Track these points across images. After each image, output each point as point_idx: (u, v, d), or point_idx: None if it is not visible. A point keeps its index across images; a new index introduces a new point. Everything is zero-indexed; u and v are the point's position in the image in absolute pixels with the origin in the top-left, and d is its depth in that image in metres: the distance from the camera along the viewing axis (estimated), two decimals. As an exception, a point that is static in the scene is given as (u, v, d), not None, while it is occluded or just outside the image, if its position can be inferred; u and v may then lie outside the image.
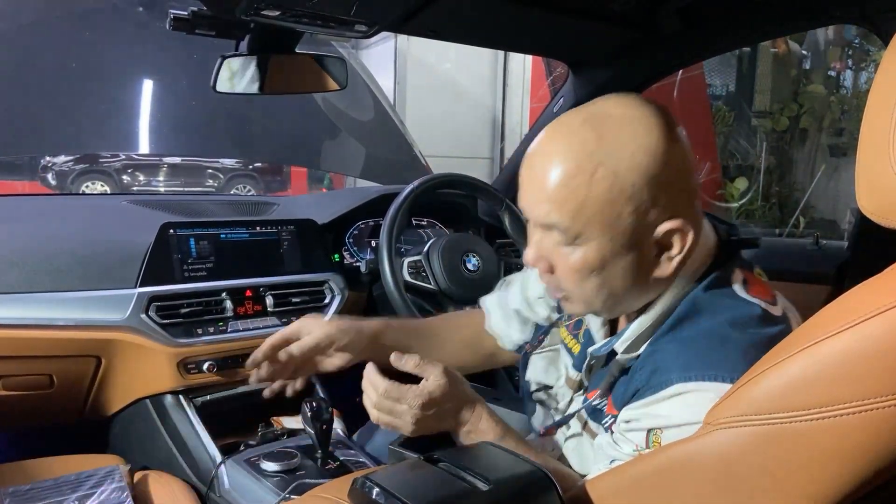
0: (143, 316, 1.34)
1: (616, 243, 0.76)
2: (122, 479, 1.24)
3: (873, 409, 0.49)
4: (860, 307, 0.51)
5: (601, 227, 0.75)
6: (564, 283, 0.81)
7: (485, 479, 0.70)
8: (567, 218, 0.75)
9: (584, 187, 0.74)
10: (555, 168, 0.75)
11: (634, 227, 0.75)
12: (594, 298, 0.81)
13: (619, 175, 0.73)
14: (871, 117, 0.52)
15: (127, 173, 7.05)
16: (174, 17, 1.20)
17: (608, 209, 0.74)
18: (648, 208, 0.75)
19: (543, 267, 0.82)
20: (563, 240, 0.77)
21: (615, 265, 0.77)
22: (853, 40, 5.42)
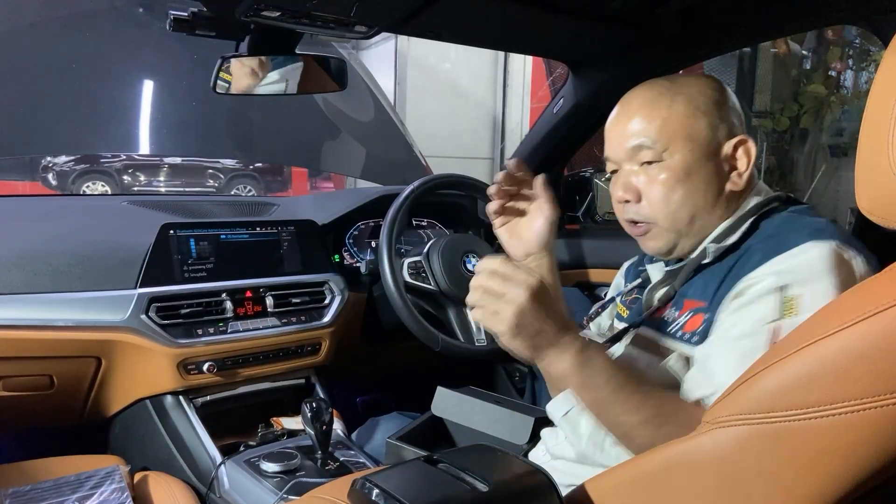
0: (143, 317, 1.34)
1: (697, 153, 0.90)
2: (122, 479, 1.24)
3: (872, 408, 0.48)
4: (859, 307, 0.50)
5: (684, 139, 0.90)
6: (651, 206, 0.93)
7: (484, 480, 0.69)
8: (654, 132, 0.90)
9: (665, 108, 0.91)
10: (638, 104, 0.93)
11: (710, 139, 0.91)
12: (679, 214, 0.92)
13: (693, 98, 0.91)
14: (870, 118, 0.52)
15: (128, 173, 7.05)
16: (174, 18, 1.20)
17: (689, 122, 0.90)
18: (718, 124, 0.91)
19: (632, 195, 0.93)
20: (652, 154, 0.91)
21: (698, 175, 0.91)
22: (853, 40, 5.41)
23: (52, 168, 6.73)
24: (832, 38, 5.26)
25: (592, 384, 0.80)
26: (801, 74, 5.62)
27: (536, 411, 1.29)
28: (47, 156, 6.30)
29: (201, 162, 7.23)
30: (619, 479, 0.69)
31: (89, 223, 1.57)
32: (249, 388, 1.50)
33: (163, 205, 1.67)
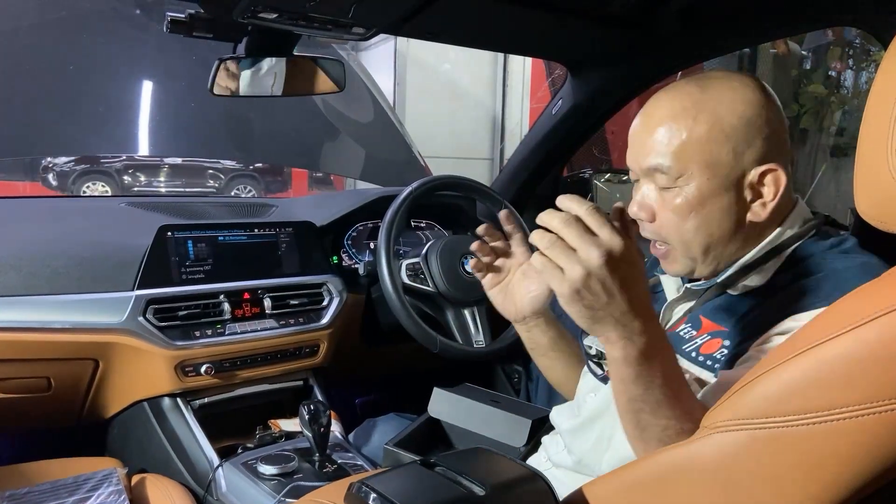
0: (140, 318, 1.34)
1: (715, 182, 0.83)
2: (120, 482, 1.24)
3: (871, 413, 0.48)
4: (858, 311, 0.50)
5: (702, 166, 0.82)
6: (665, 229, 0.87)
7: (481, 483, 0.69)
8: (670, 157, 0.83)
9: (686, 129, 0.82)
10: (661, 117, 0.85)
11: (732, 167, 0.82)
12: (693, 241, 0.85)
13: (719, 118, 0.82)
14: (869, 121, 0.52)
15: (128, 174, 7.05)
16: (171, 20, 1.20)
17: (708, 148, 0.82)
18: (745, 150, 0.82)
19: (646, 216, 0.87)
20: (667, 180, 0.84)
21: (714, 204, 0.83)
22: (854, 40, 5.40)
23: (52, 168, 6.74)
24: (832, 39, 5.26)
25: (648, 380, 0.71)
26: (801, 75, 5.62)
27: (533, 412, 1.29)
28: (47, 156, 6.30)
29: (201, 162, 7.23)
30: (617, 484, 0.68)
31: (86, 225, 1.57)
32: (247, 390, 1.50)
33: (160, 206, 1.67)
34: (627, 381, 0.72)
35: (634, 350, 0.70)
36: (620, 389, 0.74)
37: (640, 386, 0.72)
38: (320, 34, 1.25)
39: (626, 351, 0.70)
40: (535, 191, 1.90)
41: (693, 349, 0.87)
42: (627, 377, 0.72)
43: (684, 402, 0.73)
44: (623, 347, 0.70)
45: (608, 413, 0.93)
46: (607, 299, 0.68)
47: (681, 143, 0.83)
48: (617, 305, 0.69)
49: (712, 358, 0.85)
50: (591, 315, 0.69)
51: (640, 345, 0.70)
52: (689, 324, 0.90)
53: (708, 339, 0.86)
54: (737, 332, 0.84)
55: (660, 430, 0.73)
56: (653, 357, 0.71)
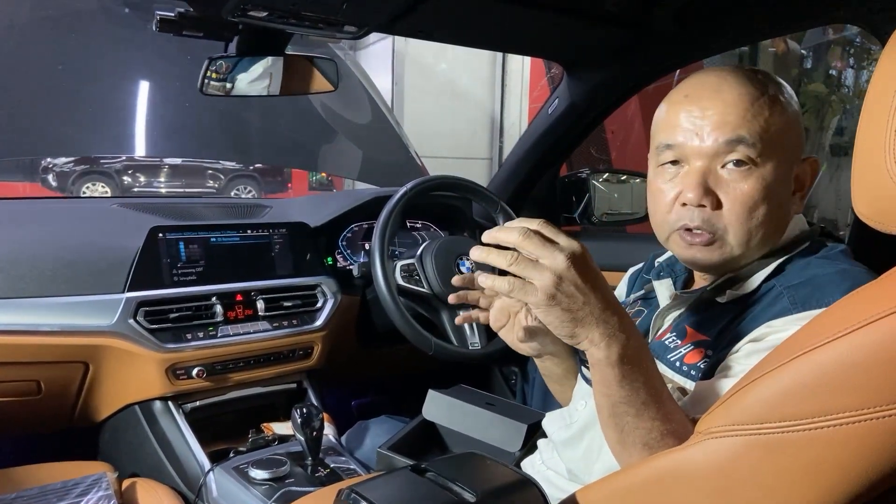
0: (130, 321, 1.32)
1: (785, 167, 0.81)
2: (110, 486, 1.23)
3: (870, 419, 0.47)
4: (855, 315, 0.49)
5: (779, 148, 0.80)
6: (727, 219, 0.82)
7: (472, 490, 0.67)
8: (756, 133, 0.79)
9: (768, 108, 0.80)
10: (736, 88, 0.81)
11: (797, 154, 0.83)
12: (758, 231, 0.82)
13: (791, 104, 0.82)
14: (867, 121, 0.51)
15: (128, 174, 7.07)
16: (160, 19, 1.19)
17: (786, 130, 0.81)
18: (800, 136, 0.83)
19: (711, 202, 0.81)
20: (749, 155, 0.79)
21: (779, 192, 0.82)
22: (854, 39, 5.39)
23: (52, 169, 6.74)
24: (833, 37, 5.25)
25: (633, 380, 0.70)
26: (802, 74, 5.60)
27: (529, 416, 1.28)
28: (46, 157, 6.30)
29: (201, 163, 7.24)
30: (609, 490, 0.67)
31: (77, 226, 1.55)
32: (240, 393, 1.48)
33: (152, 207, 1.65)
34: (612, 384, 0.71)
35: (618, 347, 0.69)
36: (605, 394, 0.72)
37: (626, 387, 0.71)
38: (311, 32, 1.24)
39: (609, 350, 0.69)
40: (531, 191, 1.88)
41: (677, 359, 0.86)
42: (613, 379, 0.70)
43: (666, 403, 0.73)
44: (607, 346, 0.69)
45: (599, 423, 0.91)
46: (583, 298, 0.68)
47: (765, 120, 0.79)
48: (594, 302, 0.68)
49: (696, 368, 0.83)
50: (572, 318, 0.68)
51: (622, 341, 0.69)
52: (674, 333, 0.89)
53: (692, 349, 0.85)
54: (719, 341, 0.83)
55: (644, 433, 0.72)
56: (635, 355, 0.71)
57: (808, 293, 0.77)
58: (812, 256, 0.83)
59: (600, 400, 0.74)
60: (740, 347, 0.78)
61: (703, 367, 0.83)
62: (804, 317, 0.75)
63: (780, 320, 0.76)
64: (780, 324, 0.76)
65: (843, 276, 0.77)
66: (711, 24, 1.32)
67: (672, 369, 0.86)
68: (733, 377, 0.76)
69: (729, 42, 1.49)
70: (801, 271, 0.81)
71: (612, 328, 0.69)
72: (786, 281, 0.80)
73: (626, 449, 0.74)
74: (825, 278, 0.77)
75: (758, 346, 0.76)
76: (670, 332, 0.90)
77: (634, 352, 0.70)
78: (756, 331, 0.77)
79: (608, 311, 0.69)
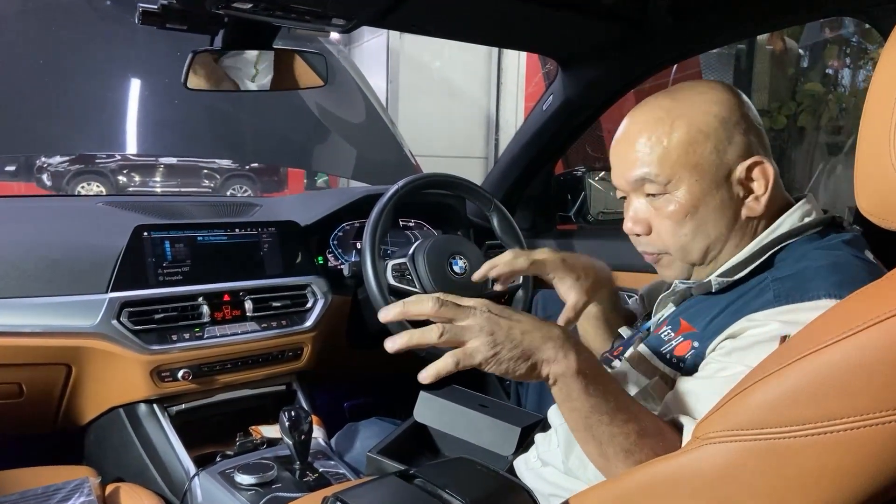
0: (114, 322, 1.29)
1: (704, 182, 0.84)
2: (92, 492, 1.20)
3: (872, 424, 0.46)
4: (856, 317, 0.48)
5: (688, 169, 0.84)
6: (662, 238, 0.88)
7: (462, 497, 0.66)
8: (656, 165, 0.84)
9: (665, 136, 0.84)
10: (638, 130, 0.87)
11: (717, 165, 0.84)
12: (691, 245, 0.87)
13: (695, 121, 0.84)
14: (869, 116, 0.50)
15: (123, 174, 7.03)
16: (143, 11, 1.15)
17: (691, 150, 0.83)
18: (726, 147, 0.84)
19: (641, 228, 0.90)
20: (656, 188, 0.85)
21: (707, 205, 0.84)
22: (851, 38, 5.38)
23: (46, 169, 6.71)
24: (829, 36, 5.24)
25: (597, 385, 0.73)
26: (799, 73, 5.60)
27: (523, 419, 1.25)
28: (40, 156, 6.28)
29: (197, 162, 7.21)
30: (603, 496, 0.66)
31: (59, 225, 1.52)
32: (227, 395, 1.45)
33: (138, 206, 1.62)
34: (580, 395, 0.72)
35: (574, 355, 0.72)
36: (574, 408, 0.74)
37: (592, 395, 0.72)
38: (299, 25, 1.21)
39: (568, 360, 0.72)
40: (525, 189, 1.86)
41: (668, 351, 0.88)
42: (579, 389, 0.72)
43: (631, 405, 0.75)
44: (564, 356, 0.72)
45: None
46: (520, 329, 0.72)
47: (663, 149, 0.84)
48: (531, 328, 0.72)
49: (683, 360, 0.85)
50: (521, 353, 0.71)
51: (573, 350, 0.73)
52: (669, 326, 0.91)
53: (681, 342, 0.87)
54: (705, 333, 0.84)
55: (622, 439, 0.73)
56: (591, 362, 0.74)
57: (793, 286, 0.78)
58: (811, 246, 0.83)
59: (571, 416, 0.75)
60: (718, 344, 0.80)
61: (689, 358, 0.84)
62: (785, 310, 0.76)
63: (762, 314, 0.77)
64: (761, 317, 0.77)
65: (833, 269, 0.77)
66: (708, 18, 1.30)
67: (664, 362, 0.88)
68: (711, 376, 0.78)
69: (727, 36, 1.47)
70: (794, 263, 0.82)
71: (558, 341, 0.73)
72: (776, 273, 0.82)
73: (609, 460, 0.75)
74: (813, 271, 0.78)
75: (736, 342, 0.78)
76: (666, 325, 0.92)
77: (589, 359, 0.74)
78: (737, 324, 0.79)
79: (544, 329, 0.73)
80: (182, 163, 7.13)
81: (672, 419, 0.77)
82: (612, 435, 0.73)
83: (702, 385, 0.78)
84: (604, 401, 0.73)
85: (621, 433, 0.73)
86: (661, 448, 0.72)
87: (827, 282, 0.75)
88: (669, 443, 0.73)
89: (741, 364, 0.74)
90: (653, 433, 0.74)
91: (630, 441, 0.73)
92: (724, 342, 0.79)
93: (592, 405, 0.73)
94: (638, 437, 0.73)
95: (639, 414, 0.74)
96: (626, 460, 0.73)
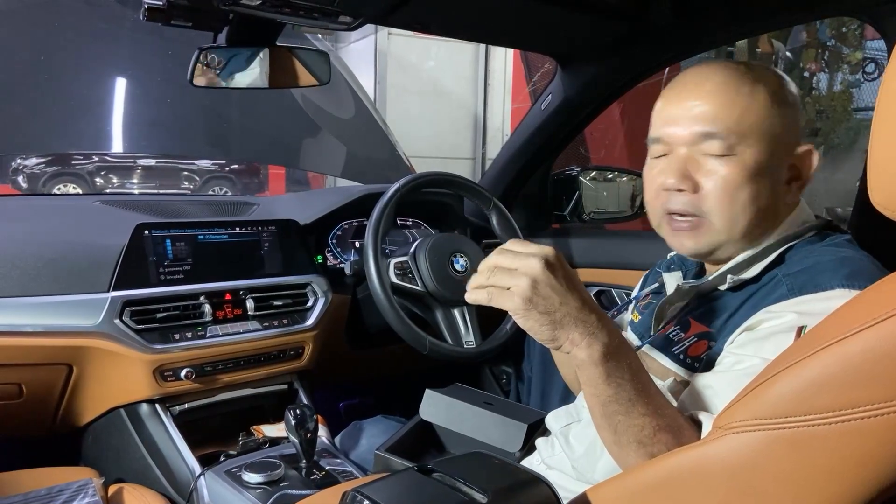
0: (116, 321, 1.28)
1: (769, 154, 0.82)
2: (96, 493, 1.18)
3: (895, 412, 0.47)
4: (879, 306, 0.49)
5: (759, 135, 0.82)
6: (709, 202, 0.83)
7: (482, 489, 0.66)
8: (732, 122, 0.81)
9: (746, 96, 0.82)
10: (718, 80, 0.83)
11: (787, 140, 0.83)
12: (742, 215, 0.83)
13: (776, 92, 0.83)
14: (882, 112, 0.51)
15: (100, 175, 6.94)
16: (148, 7, 1.14)
17: (768, 118, 0.82)
18: (792, 126, 0.84)
19: (689, 185, 0.84)
20: (720, 148, 0.82)
21: (764, 178, 0.82)
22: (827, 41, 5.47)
23: (22, 170, 6.60)
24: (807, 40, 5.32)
25: (618, 377, 0.72)
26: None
27: (528, 416, 1.26)
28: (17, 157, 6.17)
29: (176, 164, 7.14)
30: (623, 488, 0.66)
31: (59, 224, 1.50)
32: (229, 394, 1.44)
33: (137, 204, 1.61)
34: (599, 383, 0.72)
35: (599, 345, 0.71)
36: (593, 394, 0.74)
37: (612, 385, 0.72)
38: (305, 23, 1.20)
39: (591, 349, 0.71)
40: (523, 188, 1.87)
41: (681, 351, 0.87)
42: (598, 377, 0.72)
43: (655, 398, 0.74)
44: (588, 345, 0.71)
45: None
46: (560, 298, 0.70)
47: (742, 109, 0.82)
48: (571, 302, 0.70)
49: (699, 360, 0.84)
50: (550, 320, 0.70)
51: (604, 339, 0.71)
52: (678, 326, 0.90)
53: (695, 341, 0.86)
54: (722, 332, 0.84)
55: (637, 430, 0.73)
56: (617, 351, 0.72)
57: (806, 279, 0.78)
58: (815, 245, 0.84)
59: (590, 401, 0.75)
60: (736, 337, 0.79)
61: (705, 358, 0.84)
62: (800, 301, 0.76)
63: (778, 305, 0.77)
64: (778, 309, 0.77)
65: (843, 263, 0.78)
66: (710, 17, 1.31)
67: (676, 362, 0.87)
68: (728, 369, 0.78)
69: (727, 35, 1.49)
70: (802, 259, 0.82)
71: (591, 327, 0.71)
72: (787, 269, 0.82)
73: (622, 448, 0.75)
74: (824, 265, 0.79)
75: (752, 334, 0.78)
76: (674, 325, 0.91)
77: (616, 349, 0.72)
78: (753, 317, 0.79)
79: (585, 311, 0.71)
80: (161, 164, 7.05)
81: (689, 415, 0.77)
82: (627, 425, 0.73)
83: (718, 379, 0.78)
84: (622, 391, 0.72)
85: (638, 425, 0.73)
86: (676, 444, 0.72)
87: (838, 274, 0.76)
88: (686, 439, 0.73)
89: (757, 356, 0.75)
90: (671, 429, 0.73)
91: (645, 434, 0.73)
92: (740, 335, 0.79)
93: (611, 394, 0.72)
94: (654, 430, 0.73)
95: (660, 408, 0.74)
96: (639, 451, 0.73)
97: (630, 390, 0.72)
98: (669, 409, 0.75)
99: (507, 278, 0.71)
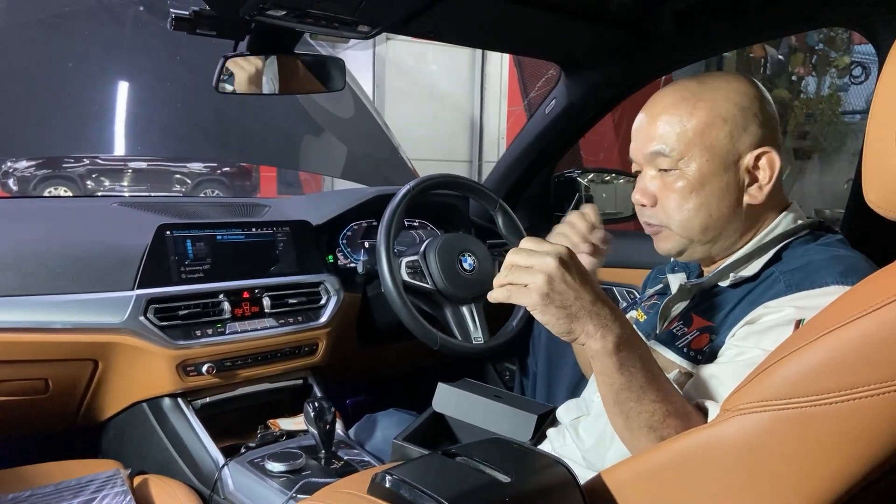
0: (142, 318, 1.32)
1: (714, 163, 0.89)
2: (124, 483, 1.23)
3: (893, 391, 0.51)
4: (874, 296, 0.52)
5: (702, 148, 0.89)
6: (666, 211, 0.92)
7: (505, 471, 0.70)
8: (672, 140, 0.89)
9: (686, 115, 0.89)
10: (663, 107, 0.92)
11: (729, 149, 0.89)
12: (693, 220, 0.91)
13: (717, 106, 0.89)
14: (877, 112, 0.54)
15: (91, 178, 6.90)
16: (175, 17, 1.19)
17: (707, 131, 0.88)
18: (741, 134, 0.89)
19: (648, 200, 0.94)
20: (668, 163, 0.90)
21: (713, 185, 0.89)
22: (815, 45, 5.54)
23: (12, 173, 6.57)
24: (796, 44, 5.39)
25: (630, 366, 0.76)
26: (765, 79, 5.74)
27: (537, 407, 1.31)
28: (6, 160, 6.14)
29: (168, 166, 7.11)
30: (637, 468, 0.70)
31: (82, 224, 1.54)
32: (247, 389, 1.49)
33: (156, 206, 1.65)
34: (612, 372, 0.77)
35: (612, 337, 0.76)
36: (606, 383, 0.79)
37: (625, 374, 0.77)
38: (324, 32, 1.26)
39: (605, 340, 0.75)
40: (526, 190, 1.92)
41: (684, 345, 0.92)
42: (612, 367, 0.76)
43: (664, 386, 0.79)
44: (602, 336, 0.76)
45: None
46: (575, 293, 0.75)
47: (682, 128, 0.89)
48: (585, 297, 0.76)
49: (701, 352, 0.89)
50: (567, 314, 0.75)
51: (617, 330, 0.76)
52: (681, 321, 0.95)
53: (697, 335, 0.91)
54: (722, 325, 0.89)
55: (647, 416, 0.78)
56: (629, 342, 0.77)
57: (803, 276, 0.83)
58: (810, 244, 0.90)
59: (603, 389, 0.80)
60: (737, 330, 0.84)
61: (708, 350, 0.89)
62: (798, 297, 0.82)
63: (776, 301, 0.83)
64: (776, 304, 0.82)
65: (837, 260, 0.83)
66: (711, 25, 1.36)
67: (680, 356, 0.92)
68: (731, 360, 0.82)
69: (728, 43, 1.53)
70: (798, 258, 0.88)
71: (604, 319, 0.76)
72: (783, 266, 0.88)
73: (633, 434, 0.80)
74: (819, 263, 0.84)
75: (753, 328, 0.82)
76: (678, 321, 0.96)
77: (628, 339, 0.77)
78: (753, 312, 0.84)
79: (599, 304, 0.76)
80: (152, 166, 7.01)
81: (695, 403, 0.81)
82: (638, 412, 0.78)
83: (722, 370, 0.83)
84: (634, 380, 0.77)
85: (648, 411, 0.77)
86: (685, 428, 0.76)
87: (834, 271, 0.82)
88: (694, 424, 0.76)
89: (758, 347, 0.80)
90: (679, 414, 0.78)
91: (656, 419, 0.78)
92: (741, 329, 0.85)
93: (623, 383, 0.77)
94: (664, 416, 0.77)
95: (669, 395, 0.79)
96: (650, 435, 0.78)
97: (641, 378, 0.77)
98: (677, 396, 0.80)
99: (525, 276, 0.76)
